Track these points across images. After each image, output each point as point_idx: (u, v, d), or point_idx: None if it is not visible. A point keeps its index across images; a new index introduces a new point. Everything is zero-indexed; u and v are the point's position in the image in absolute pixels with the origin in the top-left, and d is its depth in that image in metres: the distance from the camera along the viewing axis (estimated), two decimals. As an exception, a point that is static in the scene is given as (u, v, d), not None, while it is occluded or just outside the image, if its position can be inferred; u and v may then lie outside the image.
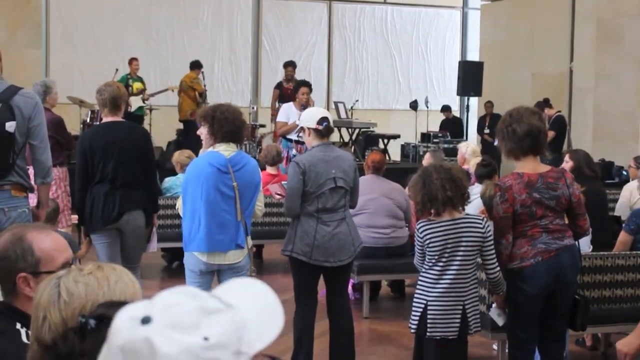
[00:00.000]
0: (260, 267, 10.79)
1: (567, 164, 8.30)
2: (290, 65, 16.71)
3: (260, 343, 1.53)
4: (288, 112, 12.07)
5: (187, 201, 6.05)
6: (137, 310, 1.50)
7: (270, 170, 10.48)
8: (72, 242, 7.56)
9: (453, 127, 19.62)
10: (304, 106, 11.13)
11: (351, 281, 8.41)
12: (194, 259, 6.02)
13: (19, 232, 3.06)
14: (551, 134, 14.71)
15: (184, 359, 1.43)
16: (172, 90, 17.63)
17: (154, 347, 1.44)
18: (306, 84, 12.31)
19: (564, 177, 5.66)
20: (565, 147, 15.92)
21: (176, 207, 6.45)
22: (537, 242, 5.52)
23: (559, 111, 15.70)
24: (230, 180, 5.93)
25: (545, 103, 15.66)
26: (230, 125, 5.97)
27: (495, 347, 7.12)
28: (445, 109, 20.17)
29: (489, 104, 18.87)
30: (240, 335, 1.49)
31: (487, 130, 18.32)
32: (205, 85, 17.51)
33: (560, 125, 15.46)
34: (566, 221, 5.71)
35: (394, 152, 18.40)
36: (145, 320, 1.47)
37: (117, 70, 16.94)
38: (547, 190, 5.54)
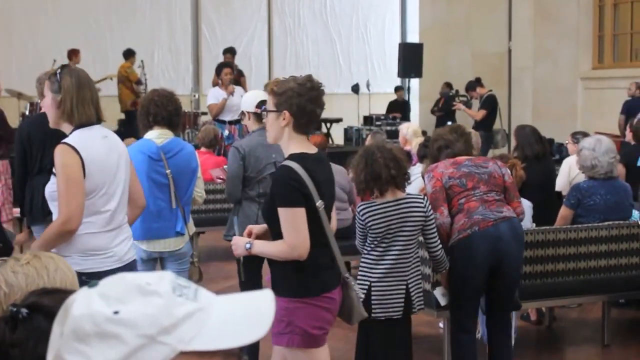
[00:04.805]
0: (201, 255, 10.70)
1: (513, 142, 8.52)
2: (229, 52, 16.76)
3: (203, 344, 1.51)
4: (217, 95, 12.60)
5: None
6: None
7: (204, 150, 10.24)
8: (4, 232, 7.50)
9: (402, 109, 19.62)
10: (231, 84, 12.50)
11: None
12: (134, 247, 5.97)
13: None
14: (482, 112, 15.11)
15: (84, 324, 1.47)
16: (111, 79, 17.49)
17: (72, 307, 1.50)
18: (228, 65, 13.12)
19: (493, 159, 5.93)
20: (498, 125, 16.15)
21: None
22: (474, 214, 5.67)
23: (490, 90, 15.86)
24: (163, 167, 5.85)
25: (477, 82, 16.01)
26: (160, 110, 5.87)
27: (441, 325, 7.16)
28: (399, 89, 20.15)
29: (445, 86, 18.65)
30: (163, 324, 1.48)
31: (439, 113, 18.03)
32: (145, 74, 17.38)
33: (492, 104, 15.66)
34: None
35: (337, 136, 18.43)
36: (92, 285, 1.53)
37: (54, 61, 16.72)
38: (477, 166, 5.80)
